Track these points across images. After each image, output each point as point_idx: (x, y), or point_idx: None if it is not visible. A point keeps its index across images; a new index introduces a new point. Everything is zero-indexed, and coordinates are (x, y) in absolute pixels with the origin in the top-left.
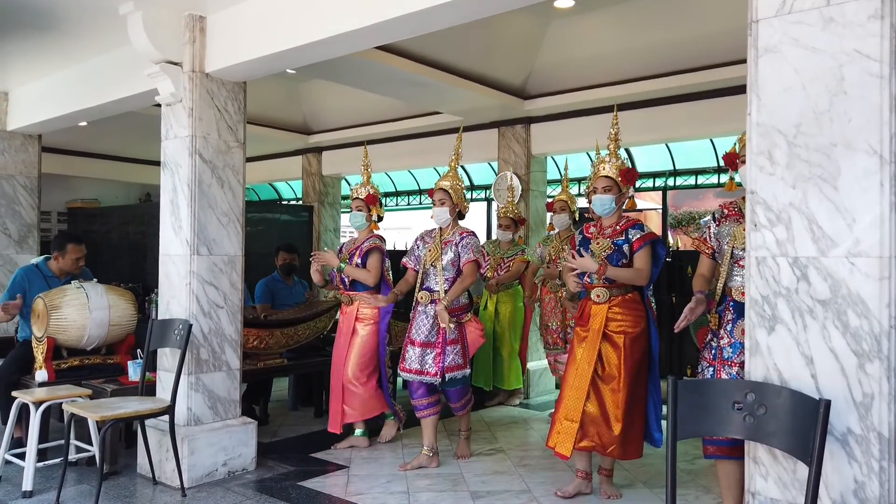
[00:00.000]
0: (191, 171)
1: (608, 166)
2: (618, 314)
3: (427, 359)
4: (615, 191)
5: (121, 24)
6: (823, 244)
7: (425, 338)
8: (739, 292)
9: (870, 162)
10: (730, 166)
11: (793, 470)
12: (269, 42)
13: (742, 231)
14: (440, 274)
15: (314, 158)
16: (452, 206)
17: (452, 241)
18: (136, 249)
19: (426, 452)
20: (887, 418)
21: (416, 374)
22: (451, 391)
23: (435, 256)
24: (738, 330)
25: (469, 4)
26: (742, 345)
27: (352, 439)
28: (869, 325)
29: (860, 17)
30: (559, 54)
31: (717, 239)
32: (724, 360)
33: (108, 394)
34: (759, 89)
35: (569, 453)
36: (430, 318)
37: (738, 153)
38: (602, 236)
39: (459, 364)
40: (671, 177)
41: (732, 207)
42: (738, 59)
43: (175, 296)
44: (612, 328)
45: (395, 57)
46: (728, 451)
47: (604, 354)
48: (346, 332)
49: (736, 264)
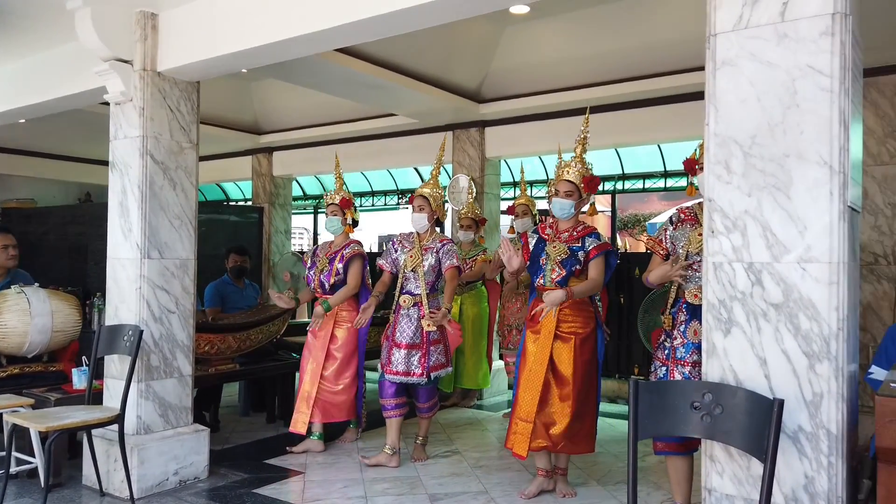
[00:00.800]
0: (142, 173)
1: (572, 171)
2: (568, 315)
3: (413, 360)
4: (576, 196)
5: (67, 20)
6: (777, 250)
7: (410, 340)
8: (693, 294)
9: (820, 172)
10: (689, 172)
11: (747, 467)
12: (225, 42)
13: (697, 236)
14: (421, 279)
15: (265, 159)
16: (431, 212)
17: (432, 247)
18: (76, 252)
19: (388, 451)
20: (835, 416)
21: (402, 376)
22: (422, 390)
23: (416, 262)
24: (690, 331)
25: (431, 11)
26: (694, 345)
27: (308, 443)
28: (819, 327)
29: (812, 33)
30: (514, 59)
31: (672, 242)
32: (678, 359)
33: (51, 403)
34: (717, 101)
35: (525, 454)
36: (413, 321)
37: (698, 160)
38: (558, 240)
39: (443, 363)
40: (620, 181)
41: (689, 212)
42: (685, 69)
43: (124, 300)
44: (563, 329)
45: (352, 59)
46: (676, 448)
47: (555, 355)
48: (323, 334)
49: (690, 267)
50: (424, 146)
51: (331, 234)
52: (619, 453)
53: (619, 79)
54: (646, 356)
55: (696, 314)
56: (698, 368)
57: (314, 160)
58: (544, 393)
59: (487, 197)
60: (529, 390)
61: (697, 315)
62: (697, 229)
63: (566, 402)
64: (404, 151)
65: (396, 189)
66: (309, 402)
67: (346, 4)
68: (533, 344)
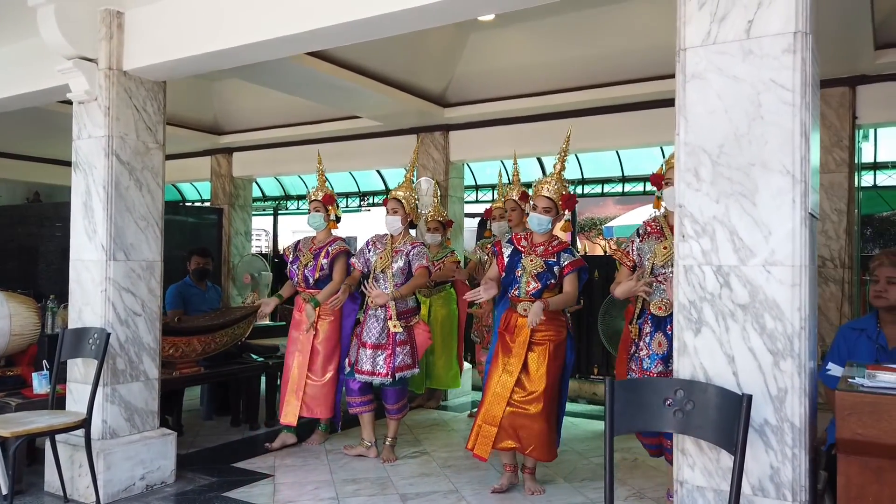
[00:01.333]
0: (107, 173)
1: (551, 187)
2: (542, 325)
3: (378, 360)
4: (554, 212)
5: (26, 16)
6: (743, 254)
7: (376, 340)
8: (657, 307)
9: (783, 181)
10: (655, 186)
11: (717, 459)
12: (193, 42)
13: (662, 249)
14: (390, 280)
15: (224, 159)
16: (405, 215)
17: (403, 250)
18: (26, 253)
19: (366, 443)
20: (798, 410)
21: (367, 375)
22: (390, 391)
23: (385, 263)
24: (655, 343)
25: (404, 18)
26: (659, 356)
27: (283, 436)
28: (783, 326)
29: (775, 50)
30: (478, 65)
31: (638, 254)
32: (644, 370)
33: (12, 408)
34: (687, 112)
35: (486, 456)
36: (380, 321)
37: (664, 175)
38: (534, 253)
39: (409, 364)
40: (580, 185)
41: (654, 225)
42: (645, 77)
43: (88, 303)
44: (536, 338)
45: (318, 60)
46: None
47: (529, 363)
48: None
49: (655, 280)
50: (388, 149)
51: (313, 229)
52: (584, 451)
53: (580, 86)
54: (605, 357)
55: (661, 326)
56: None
57: (275, 161)
58: (515, 399)
59: (451, 200)
60: (497, 396)
61: (662, 327)
62: (663, 242)
63: (538, 406)
64: (368, 154)
65: (358, 192)
66: (298, 394)
67: (319, 9)
68: (507, 353)
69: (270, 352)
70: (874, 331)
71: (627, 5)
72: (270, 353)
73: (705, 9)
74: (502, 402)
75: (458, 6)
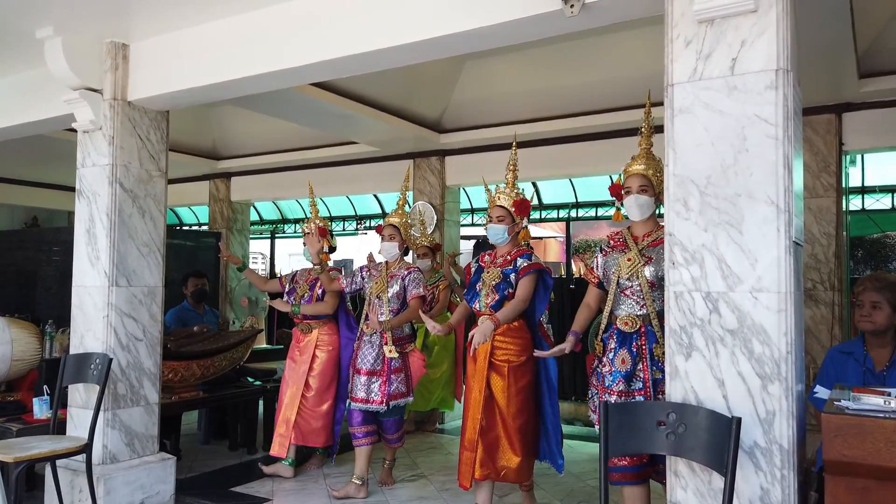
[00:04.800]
0: (110, 201)
1: (503, 197)
2: (502, 343)
3: (373, 387)
4: (508, 220)
5: (33, 47)
6: (731, 281)
7: (371, 366)
8: (623, 322)
9: (768, 210)
10: (616, 197)
11: (708, 481)
12: (197, 74)
13: (626, 261)
14: (385, 305)
15: (223, 184)
16: (401, 241)
17: (399, 275)
18: (24, 277)
19: (356, 481)
20: (787, 432)
21: (362, 403)
22: (388, 421)
23: (381, 288)
24: (618, 359)
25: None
26: (621, 374)
27: (278, 467)
28: (770, 351)
29: (759, 86)
30: (474, 92)
31: (603, 269)
32: (606, 387)
33: (13, 433)
34: (675, 144)
35: (469, 484)
36: (374, 347)
37: (623, 185)
38: (494, 265)
39: (403, 392)
40: (573, 208)
41: (618, 238)
42: (635, 105)
43: (91, 328)
44: (497, 357)
45: (316, 89)
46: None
47: (492, 383)
48: (304, 359)
49: (622, 293)
50: (385, 174)
51: (308, 262)
52: (580, 473)
53: (572, 113)
54: None
55: (626, 342)
56: (624, 398)
57: (273, 186)
58: (489, 420)
59: (447, 223)
60: (471, 419)
61: (627, 343)
62: (626, 255)
63: (506, 430)
64: (365, 178)
65: (355, 215)
66: (288, 426)
67: (320, 43)
68: (472, 373)
69: (268, 375)
70: (861, 354)
71: (617, 36)
72: (268, 376)
73: (691, 47)
74: (475, 424)
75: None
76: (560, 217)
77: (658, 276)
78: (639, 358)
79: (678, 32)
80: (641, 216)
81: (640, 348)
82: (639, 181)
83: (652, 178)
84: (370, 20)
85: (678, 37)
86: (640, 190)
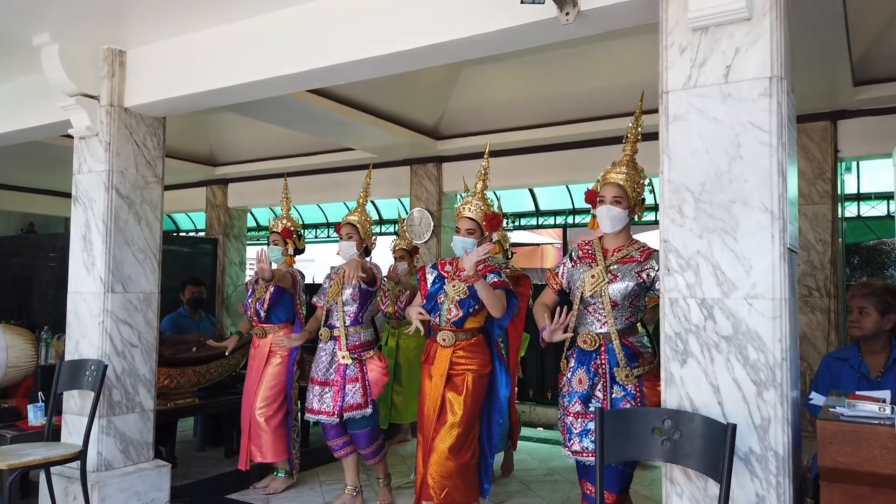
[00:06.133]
0: (106, 207)
1: (472, 207)
2: (462, 357)
3: (325, 398)
4: (478, 234)
5: (30, 54)
6: (726, 287)
7: (323, 376)
8: (583, 340)
9: (762, 217)
10: (591, 204)
11: (703, 488)
12: (193, 80)
13: (590, 277)
14: (340, 311)
15: (219, 190)
16: (359, 240)
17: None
18: (20, 283)
19: (350, 492)
20: (782, 439)
21: (315, 414)
22: (358, 434)
23: (336, 292)
24: (575, 379)
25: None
26: (578, 395)
27: (271, 479)
28: (765, 357)
29: (753, 94)
30: (471, 99)
31: (569, 280)
32: (566, 408)
33: (7, 440)
34: (670, 151)
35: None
36: (328, 355)
37: (598, 192)
38: (458, 278)
39: (359, 403)
40: (570, 215)
41: (587, 250)
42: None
43: (86, 335)
44: (456, 370)
45: (313, 95)
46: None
47: (447, 398)
48: (257, 366)
49: (585, 310)
50: (382, 180)
51: (273, 262)
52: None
53: (568, 120)
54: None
55: (585, 361)
56: (580, 420)
57: (270, 192)
58: (434, 439)
59: (444, 230)
60: (421, 437)
61: (586, 362)
62: (591, 271)
63: (450, 441)
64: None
65: None
66: (248, 439)
67: (317, 50)
68: (427, 386)
69: None
70: (856, 360)
71: (613, 44)
72: None
73: (686, 55)
74: (427, 442)
75: (446, 50)
76: (557, 223)
77: (622, 296)
78: (597, 378)
79: (673, 40)
80: (612, 228)
81: (598, 367)
82: (613, 191)
83: (628, 189)
84: (367, 27)
85: (673, 44)
86: (614, 201)
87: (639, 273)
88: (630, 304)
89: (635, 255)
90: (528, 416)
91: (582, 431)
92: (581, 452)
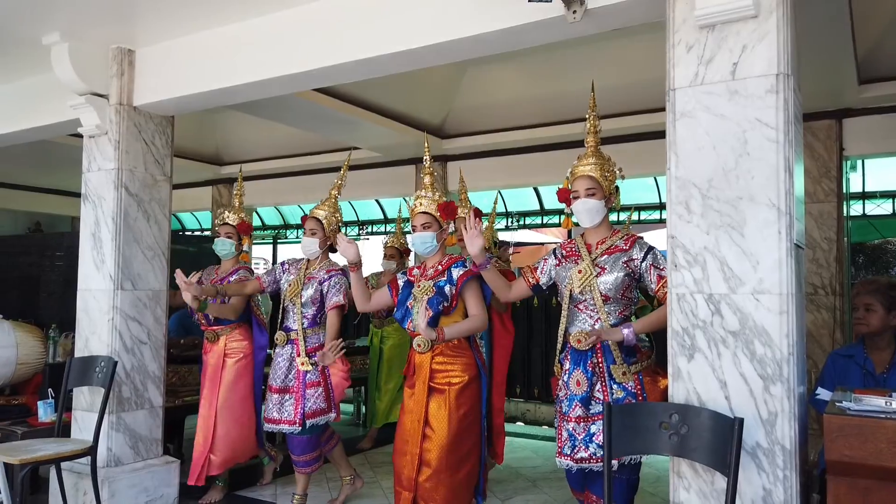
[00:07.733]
0: (116, 205)
1: (425, 201)
2: (441, 363)
3: (286, 405)
4: (435, 227)
5: (40, 53)
6: (733, 283)
7: (282, 382)
8: (576, 339)
9: (769, 213)
10: (564, 202)
11: (711, 482)
12: (202, 79)
13: (577, 273)
14: (298, 312)
15: (225, 189)
16: (324, 237)
17: (318, 277)
18: (28, 282)
19: (346, 481)
20: (789, 433)
21: (274, 424)
22: (296, 440)
23: (295, 291)
24: (573, 381)
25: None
26: (578, 398)
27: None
28: (772, 352)
29: (759, 91)
30: (475, 98)
31: (555, 279)
32: (564, 414)
33: (18, 436)
34: (677, 147)
35: None
36: (286, 360)
37: (571, 189)
38: (424, 278)
39: (322, 409)
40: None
41: (571, 247)
42: (633, 111)
43: (95, 332)
44: (437, 380)
45: (319, 94)
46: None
47: (431, 411)
48: (212, 372)
49: (575, 308)
50: (387, 179)
51: (220, 257)
52: None
53: (573, 118)
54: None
55: (580, 362)
56: (583, 424)
57: (276, 191)
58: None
59: None
60: (407, 455)
61: (582, 363)
62: (577, 267)
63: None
64: (367, 184)
65: (357, 220)
66: (205, 450)
67: (324, 49)
68: (409, 399)
69: None
70: (861, 357)
71: (618, 42)
72: None
73: (693, 52)
74: (413, 458)
75: (452, 49)
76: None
77: (613, 288)
78: (596, 378)
79: (680, 38)
80: (591, 222)
81: (595, 366)
82: (586, 184)
83: (600, 179)
84: (374, 26)
85: (679, 42)
86: (588, 193)
87: (626, 262)
88: (622, 296)
89: (620, 245)
90: (532, 414)
91: (586, 436)
92: (588, 459)
